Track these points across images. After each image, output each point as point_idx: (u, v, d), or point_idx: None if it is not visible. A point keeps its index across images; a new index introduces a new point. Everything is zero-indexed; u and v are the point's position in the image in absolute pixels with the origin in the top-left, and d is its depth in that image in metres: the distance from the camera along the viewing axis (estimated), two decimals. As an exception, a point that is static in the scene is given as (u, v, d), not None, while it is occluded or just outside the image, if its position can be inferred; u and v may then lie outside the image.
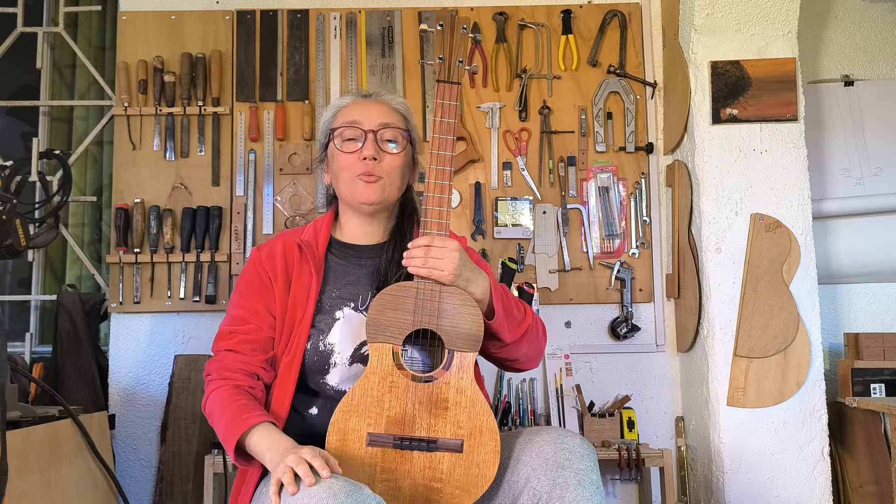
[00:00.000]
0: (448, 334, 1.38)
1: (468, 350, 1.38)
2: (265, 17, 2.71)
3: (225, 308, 2.54)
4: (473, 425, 1.36)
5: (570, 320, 2.63)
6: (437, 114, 1.45)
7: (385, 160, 1.51)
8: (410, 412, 1.35)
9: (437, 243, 1.37)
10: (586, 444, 1.35)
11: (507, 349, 1.50)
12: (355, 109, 1.55)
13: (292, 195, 2.62)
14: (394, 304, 1.38)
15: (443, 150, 1.43)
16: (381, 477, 1.33)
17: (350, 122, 1.53)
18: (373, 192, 1.51)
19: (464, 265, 1.38)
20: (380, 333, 1.37)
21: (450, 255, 1.37)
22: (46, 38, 2.88)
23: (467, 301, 1.38)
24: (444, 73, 1.46)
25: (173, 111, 2.63)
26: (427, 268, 1.37)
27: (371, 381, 1.36)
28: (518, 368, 1.59)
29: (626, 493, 2.60)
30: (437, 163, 1.43)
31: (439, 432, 1.35)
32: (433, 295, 1.38)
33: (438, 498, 1.33)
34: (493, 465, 1.34)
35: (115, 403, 2.56)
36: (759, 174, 2.39)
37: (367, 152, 1.49)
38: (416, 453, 1.34)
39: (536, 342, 1.55)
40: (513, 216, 2.63)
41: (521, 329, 1.49)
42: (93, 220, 2.89)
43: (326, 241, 1.56)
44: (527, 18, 2.72)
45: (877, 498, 2.45)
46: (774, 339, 2.32)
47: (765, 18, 2.42)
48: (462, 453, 1.34)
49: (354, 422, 1.34)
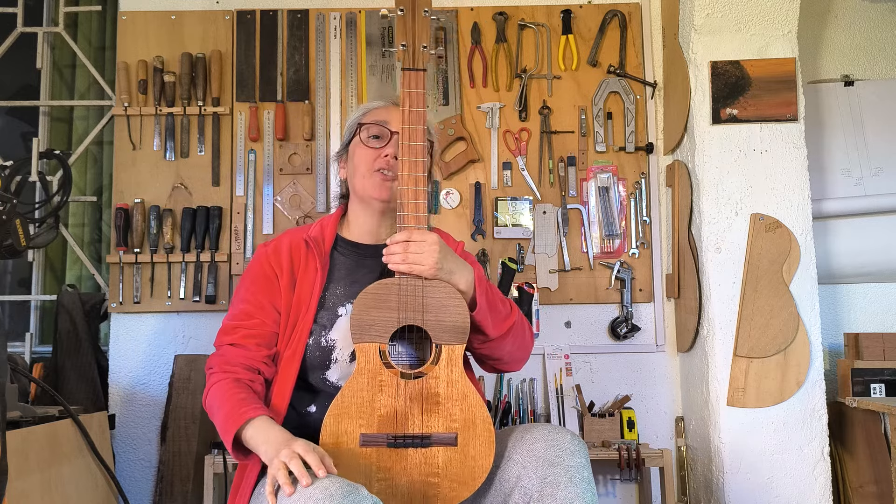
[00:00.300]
0: (434, 328, 1.37)
1: (455, 343, 1.37)
2: (265, 17, 2.71)
3: (225, 308, 2.55)
4: (466, 417, 1.35)
5: (570, 320, 2.63)
6: (405, 104, 1.43)
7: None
8: (402, 410, 1.35)
9: (416, 237, 1.37)
10: (577, 441, 1.35)
11: (491, 345, 1.49)
12: (386, 112, 1.57)
13: (292, 195, 2.62)
14: (377, 303, 1.37)
15: (414, 141, 1.42)
16: (377, 476, 1.33)
17: (379, 121, 1.55)
18: (386, 190, 1.52)
19: (445, 257, 1.38)
20: (365, 333, 1.36)
21: (429, 249, 1.36)
22: (46, 38, 2.88)
23: (451, 293, 1.38)
24: (408, 61, 1.43)
25: (173, 111, 2.63)
26: (407, 263, 1.36)
27: (360, 382, 1.35)
28: (501, 369, 1.59)
29: (626, 493, 2.60)
30: (409, 154, 1.42)
31: (432, 427, 1.34)
32: (416, 290, 1.37)
33: (436, 493, 1.33)
34: (488, 456, 1.34)
35: (115, 403, 2.56)
36: (759, 174, 2.39)
37: (390, 150, 1.51)
38: (411, 450, 1.34)
39: (521, 341, 1.54)
40: (513, 216, 2.63)
41: (506, 325, 1.48)
42: (93, 220, 2.89)
43: (333, 239, 1.57)
44: (527, 18, 2.72)
45: (877, 498, 2.45)
46: (774, 339, 2.32)
47: (765, 18, 2.42)
48: (457, 446, 1.34)
49: (346, 424, 1.34)
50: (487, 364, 1.58)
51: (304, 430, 1.45)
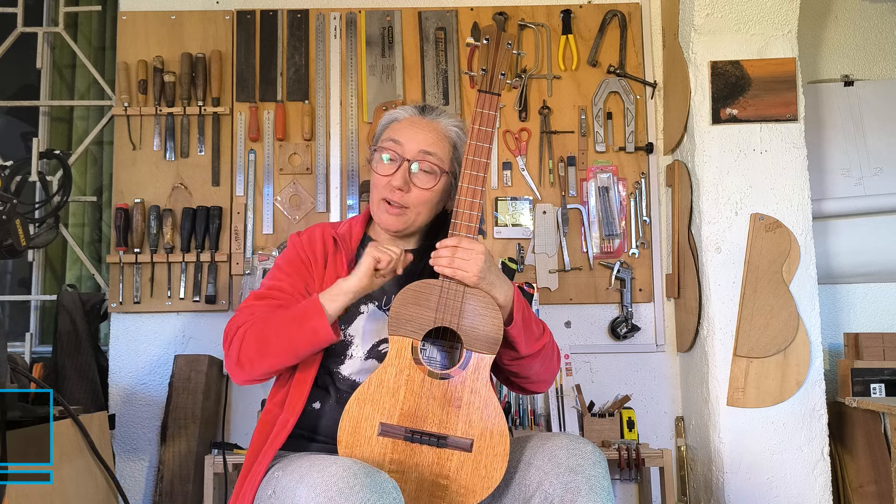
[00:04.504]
0: (467, 334, 1.40)
1: (486, 352, 1.40)
2: (265, 17, 2.71)
3: (225, 308, 2.56)
4: (485, 426, 1.37)
5: (570, 320, 2.63)
6: (476, 122, 1.49)
7: (414, 193, 1.52)
8: (423, 407, 1.37)
9: (465, 245, 1.40)
10: (598, 452, 1.37)
11: (521, 363, 1.51)
12: (405, 128, 1.56)
13: (292, 195, 2.62)
14: (417, 300, 1.40)
15: (479, 157, 1.47)
16: (389, 468, 1.35)
17: (393, 141, 1.54)
18: (394, 222, 1.54)
19: (489, 269, 1.41)
20: (401, 327, 1.40)
21: (476, 258, 1.39)
22: (46, 38, 2.88)
23: (489, 304, 1.41)
24: (486, 84, 1.51)
25: (173, 111, 2.63)
26: (452, 268, 1.39)
27: (388, 373, 1.39)
28: (527, 388, 1.60)
29: (626, 493, 2.60)
30: (472, 168, 1.46)
31: (450, 429, 1.37)
32: (456, 295, 1.40)
33: (443, 495, 1.35)
34: (500, 469, 1.35)
35: (115, 403, 2.56)
36: (759, 174, 2.39)
37: (396, 182, 1.51)
38: (426, 448, 1.36)
39: (549, 364, 1.56)
40: (513, 216, 2.63)
41: (538, 345, 1.51)
42: (93, 220, 2.89)
43: (360, 237, 1.60)
44: (527, 18, 2.72)
45: (877, 498, 2.45)
46: (774, 339, 2.32)
47: (765, 18, 2.42)
48: (471, 453, 1.36)
49: (369, 410, 1.37)
50: (514, 384, 1.60)
51: (307, 425, 1.45)
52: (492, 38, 1.54)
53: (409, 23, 2.71)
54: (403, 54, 2.70)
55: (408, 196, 1.52)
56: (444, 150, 1.55)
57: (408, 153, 1.52)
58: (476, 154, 1.47)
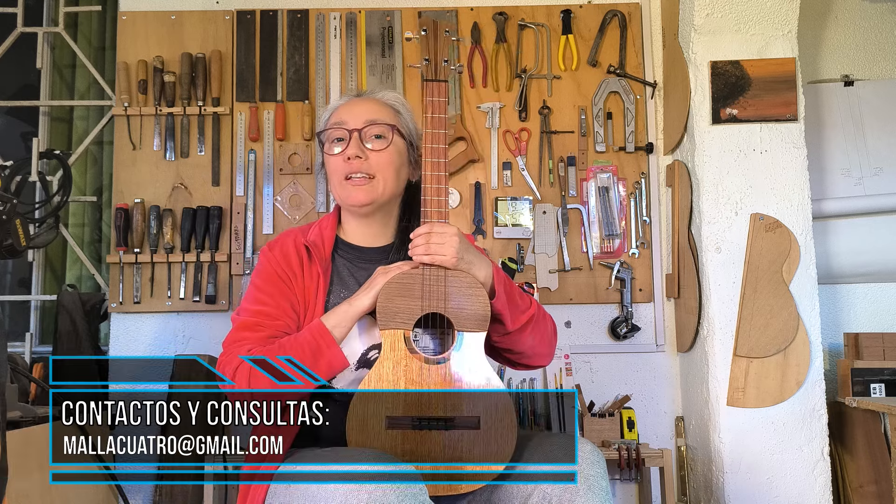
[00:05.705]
0: (456, 315, 1.42)
1: (476, 329, 1.42)
2: (265, 17, 2.71)
3: (225, 308, 2.56)
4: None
5: (570, 320, 2.63)
6: (428, 110, 1.53)
7: (372, 157, 1.52)
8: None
9: (437, 230, 1.42)
10: (597, 452, 1.37)
11: (511, 338, 1.50)
12: (344, 110, 1.56)
13: (292, 195, 2.62)
14: (401, 292, 1.42)
15: (436, 144, 1.51)
16: (402, 459, 1.36)
17: (337, 123, 1.54)
18: (362, 194, 1.52)
19: (465, 249, 1.42)
20: (391, 320, 1.41)
21: (450, 240, 1.41)
22: (46, 38, 2.88)
23: (472, 283, 1.43)
24: (430, 73, 1.57)
25: (173, 111, 2.63)
26: (430, 254, 1.40)
27: (385, 367, 1.40)
28: (527, 364, 1.59)
29: (626, 493, 2.60)
30: (432, 156, 1.50)
31: (455, 410, 1.38)
32: (438, 279, 1.42)
33: (461, 475, 1.37)
34: (511, 439, 1.37)
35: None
36: (759, 174, 2.39)
37: (350, 151, 1.51)
38: (435, 433, 1.37)
39: (542, 334, 1.55)
40: (513, 216, 2.63)
41: (525, 317, 1.50)
42: (93, 220, 2.89)
43: (332, 243, 1.56)
44: (527, 18, 2.72)
45: (877, 498, 2.45)
46: (774, 339, 2.32)
47: (765, 18, 2.42)
48: (480, 430, 1.38)
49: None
50: (513, 362, 1.59)
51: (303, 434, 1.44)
52: (429, 29, 1.60)
53: (410, 23, 2.71)
54: (403, 54, 2.70)
55: (368, 163, 1.51)
56: (388, 115, 1.56)
57: (354, 125, 1.53)
58: (433, 141, 1.51)
